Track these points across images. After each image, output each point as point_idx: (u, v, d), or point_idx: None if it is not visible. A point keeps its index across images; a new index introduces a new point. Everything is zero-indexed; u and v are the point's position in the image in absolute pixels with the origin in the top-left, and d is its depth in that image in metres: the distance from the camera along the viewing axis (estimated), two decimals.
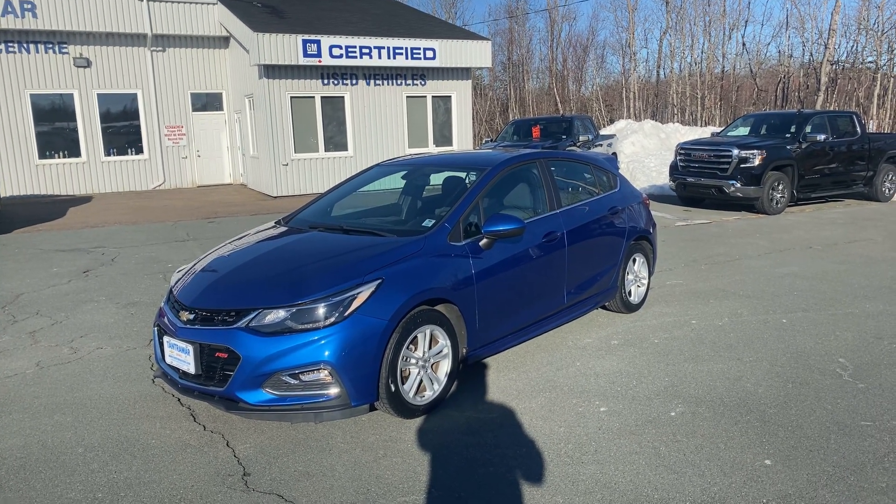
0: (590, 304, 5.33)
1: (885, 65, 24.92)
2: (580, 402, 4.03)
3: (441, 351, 3.94)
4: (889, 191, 13.95)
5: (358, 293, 3.54)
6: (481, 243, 4.22)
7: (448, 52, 17.11)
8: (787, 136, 12.69)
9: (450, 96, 17.99)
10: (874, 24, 25.22)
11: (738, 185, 11.94)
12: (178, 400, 4.21)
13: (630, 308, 5.83)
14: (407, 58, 16.63)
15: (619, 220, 5.57)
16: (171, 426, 3.85)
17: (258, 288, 3.66)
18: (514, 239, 4.40)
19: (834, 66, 25.98)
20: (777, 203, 12.13)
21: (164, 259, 8.89)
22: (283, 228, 4.72)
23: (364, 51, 16.08)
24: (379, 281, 3.62)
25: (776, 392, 4.10)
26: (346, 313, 3.48)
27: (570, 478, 3.16)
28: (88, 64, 17.01)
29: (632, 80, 33.77)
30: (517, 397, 4.13)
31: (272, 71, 15.54)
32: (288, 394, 3.44)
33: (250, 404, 3.45)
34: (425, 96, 17.66)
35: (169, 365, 3.80)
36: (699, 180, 12.68)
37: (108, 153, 17.64)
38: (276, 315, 3.48)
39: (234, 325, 3.50)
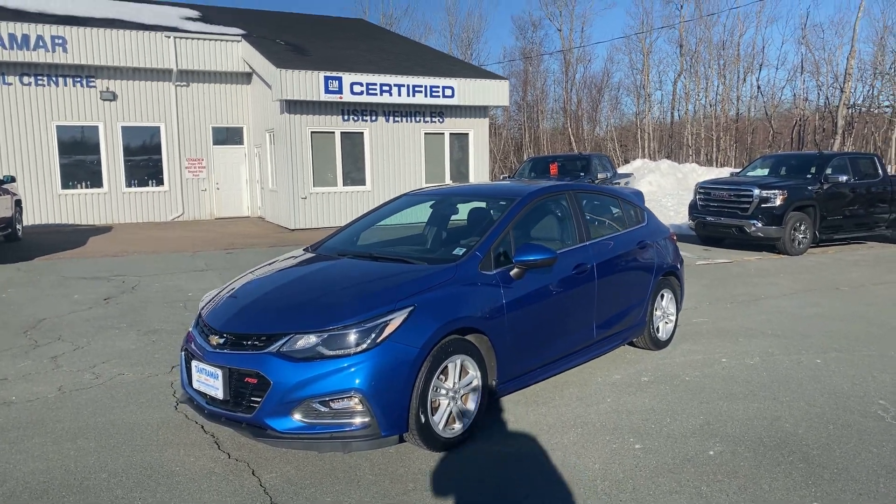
0: (618, 339, 5.23)
1: None
2: (613, 438, 3.91)
3: (471, 382, 3.86)
4: None
5: (390, 320, 3.48)
6: (512, 273, 4.16)
7: (466, 91, 17.35)
8: (808, 176, 12.63)
9: (467, 133, 18.17)
10: (890, 68, 25.38)
11: (760, 224, 11.84)
12: (202, 427, 4.14)
13: (658, 345, 5.72)
14: (426, 95, 16.86)
15: (647, 255, 5.51)
16: (196, 453, 3.76)
17: (289, 313, 3.62)
18: (545, 270, 4.34)
19: (850, 110, 26.07)
20: (799, 244, 12.00)
21: (184, 288, 8.89)
22: (312, 255, 4.70)
23: (384, 88, 16.33)
24: (411, 308, 3.57)
25: (817, 433, 3.96)
26: (379, 340, 3.42)
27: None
28: (114, 97, 17.38)
29: (646, 122, 34.04)
30: (548, 432, 4.02)
31: (293, 106, 15.79)
32: (317, 422, 3.36)
33: (279, 432, 3.37)
34: (443, 133, 17.85)
35: (196, 390, 3.74)
36: (719, 220, 12.61)
37: (129, 184, 17.88)
38: (308, 340, 3.42)
39: (265, 350, 3.44)
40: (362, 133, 16.85)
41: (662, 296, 5.75)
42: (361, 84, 16.04)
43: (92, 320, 7.08)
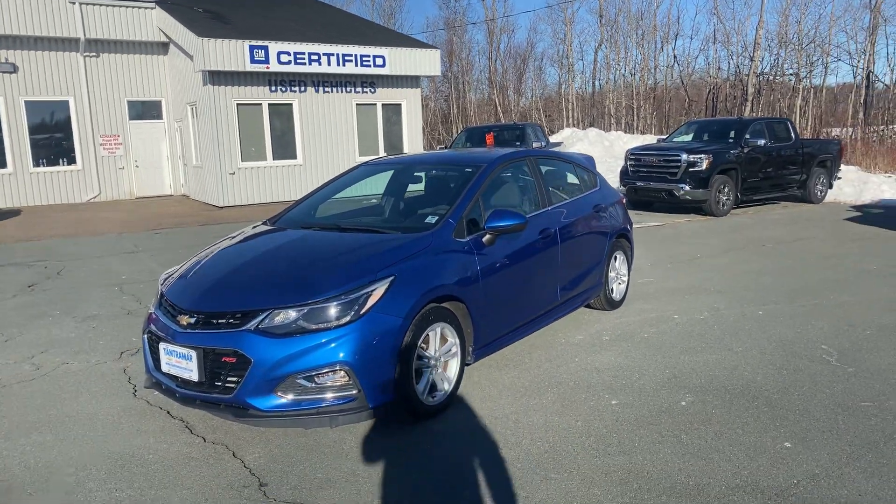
0: (579, 300, 5.35)
1: (805, 77, 26.54)
2: (589, 396, 4.02)
3: (450, 350, 3.85)
4: (820, 192, 14.72)
5: (372, 290, 3.41)
6: (484, 239, 4.16)
7: (397, 60, 17.05)
8: (730, 141, 13.24)
9: (400, 104, 17.92)
10: (793, 37, 26.83)
11: (688, 188, 12.35)
12: (168, 412, 3.95)
13: (613, 305, 5.90)
14: (357, 65, 16.47)
15: (602, 219, 5.63)
16: (167, 439, 3.59)
17: (265, 288, 3.48)
18: (514, 235, 4.36)
19: (759, 78, 27.45)
20: (723, 205, 12.61)
21: (116, 271, 8.41)
22: (275, 229, 4.53)
23: (313, 57, 15.82)
24: (392, 278, 3.51)
25: (774, 379, 4.21)
26: (362, 312, 3.34)
27: (602, 470, 3.13)
28: (15, 70, 16.03)
29: (570, 92, 34.68)
30: (525, 394, 4.08)
31: (217, 77, 15.06)
32: (303, 398, 3.27)
33: (262, 410, 3.26)
34: (375, 104, 17.52)
35: (165, 374, 3.55)
36: (649, 184, 13.06)
37: (37, 163, 16.64)
38: (287, 315, 3.31)
39: (243, 328, 3.30)
40: (291, 105, 16.30)
41: (616, 257, 5.91)
42: (289, 53, 15.46)
43: (19, 309, 6.59)
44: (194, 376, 3.37)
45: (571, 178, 5.65)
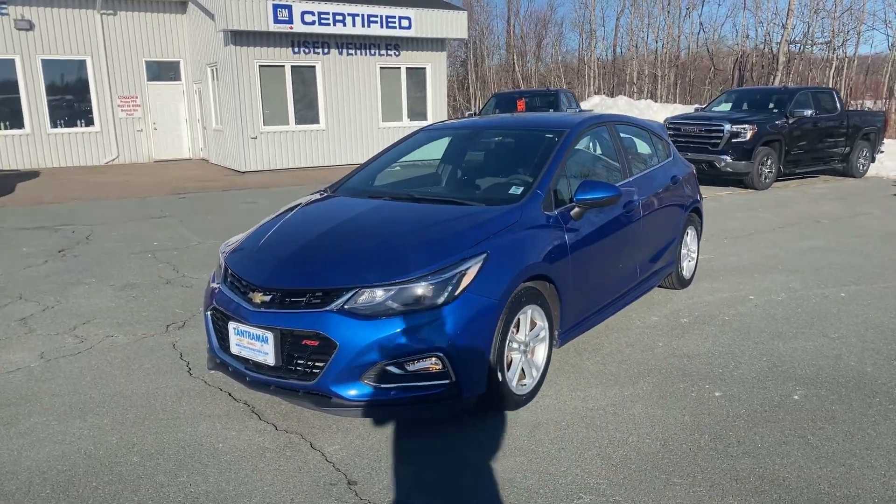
0: (655, 279, 4.99)
1: (839, 46, 25.65)
2: (688, 386, 3.68)
3: (539, 334, 3.52)
4: (863, 166, 14.18)
5: (466, 269, 3.06)
6: (572, 213, 3.79)
7: (423, 22, 16.44)
8: (775, 111, 12.69)
9: (424, 68, 17.35)
10: (831, 4, 25.87)
11: (730, 159, 11.86)
12: (230, 395, 3.65)
13: (683, 284, 5.54)
14: (382, 26, 15.89)
15: (679, 191, 5.24)
16: (235, 426, 3.29)
17: (347, 264, 3.12)
18: (600, 209, 3.99)
19: (790, 47, 26.55)
20: (766, 178, 12.13)
21: (146, 237, 8.10)
22: (342, 197, 4.16)
23: (337, 17, 15.25)
24: (485, 255, 3.15)
25: (886, 370, 3.85)
26: (457, 293, 3.00)
27: (729, 474, 2.80)
28: (31, 27, 15.54)
29: (592, 58, 33.79)
30: (616, 383, 3.75)
31: (239, 37, 14.55)
32: (392, 386, 2.95)
33: (347, 399, 2.94)
34: (399, 67, 16.97)
35: (234, 355, 3.23)
36: (687, 155, 12.54)
37: (54, 125, 16.26)
38: (375, 295, 2.96)
39: (327, 308, 2.96)
40: (314, 67, 15.78)
41: (688, 233, 5.53)
42: (313, 13, 14.90)
43: (52, 276, 6.30)
44: (270, 360, 3.05)
45: (647, 148, 5.24)
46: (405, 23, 16.16)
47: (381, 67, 16.67)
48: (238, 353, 3.19)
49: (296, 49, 15.37)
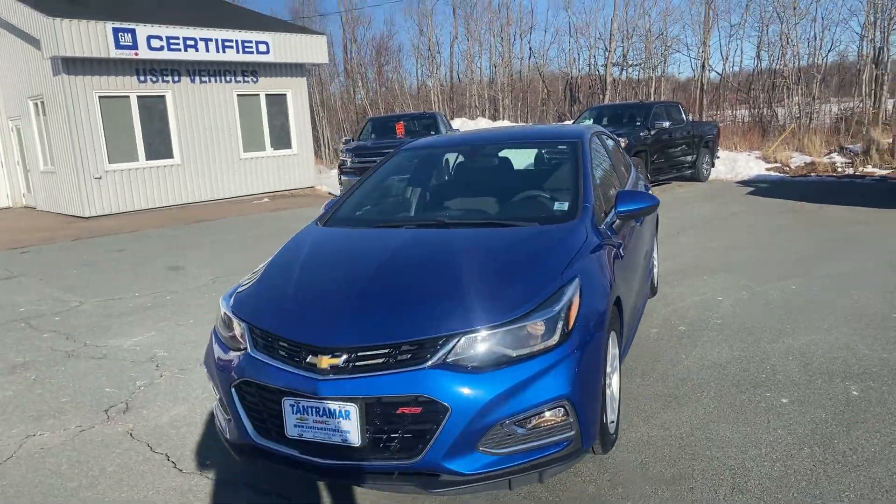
0: (647, 291, 4.87)
1: (657, 66, 28.57)
2: (749, 396, 3.53)
3: (613, 363, 3.17)
4: (706, 171, 15.68)
5: (571, 298, 2.63)
6: (614, 225, 3.52)
7: (282, 47, 15.59)
8: (638, 124, 13.59)
9: (285, 94, 16.43)
10: (640, 30, 28.79)
11: None
12: (251, 486, 2.87)
13: (653, 291, 5.51)
14: (238, 51, 14.79)
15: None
16: None
17: (433, 307, 2.54)
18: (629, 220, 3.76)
19: (616, 68, 29.08)
20: None
21: (6, 303, 6.59)
22: (364, 230, 3.51)
23: (189, 42, 13.93)
24: (576, 280, 2.74)
25: None
26: (570, 328, 2.56)
27: (875, 486, 2.63)
28: None
29: (434, 83, 34.52)
30: (675, 402, 3.50)
31: (73, 65, 12.72)
32: (514, 450, 2.42)
33: (464, 475, 2.36)
34: (258, 94, 15.90)
35: (295, 440, 2.49)
36: None
37: None
38: (476, 341, 2.43)
39: (425, 364, 2.37)
40: (164, 96, 14.26)
41: (655, 238, 5.52)
42: (161, 38, 13.47)
43: None
44: (354, 439, 2.38)
45: (622, 157, 5.15)
46: (263, 47, 15.20)
47: (239, 95, 15.51)
48: (299, 437, 2.46)
49: (142, 77, 13.79)
